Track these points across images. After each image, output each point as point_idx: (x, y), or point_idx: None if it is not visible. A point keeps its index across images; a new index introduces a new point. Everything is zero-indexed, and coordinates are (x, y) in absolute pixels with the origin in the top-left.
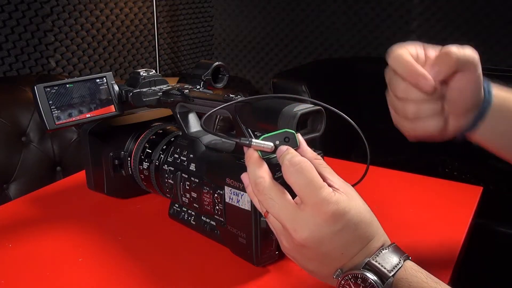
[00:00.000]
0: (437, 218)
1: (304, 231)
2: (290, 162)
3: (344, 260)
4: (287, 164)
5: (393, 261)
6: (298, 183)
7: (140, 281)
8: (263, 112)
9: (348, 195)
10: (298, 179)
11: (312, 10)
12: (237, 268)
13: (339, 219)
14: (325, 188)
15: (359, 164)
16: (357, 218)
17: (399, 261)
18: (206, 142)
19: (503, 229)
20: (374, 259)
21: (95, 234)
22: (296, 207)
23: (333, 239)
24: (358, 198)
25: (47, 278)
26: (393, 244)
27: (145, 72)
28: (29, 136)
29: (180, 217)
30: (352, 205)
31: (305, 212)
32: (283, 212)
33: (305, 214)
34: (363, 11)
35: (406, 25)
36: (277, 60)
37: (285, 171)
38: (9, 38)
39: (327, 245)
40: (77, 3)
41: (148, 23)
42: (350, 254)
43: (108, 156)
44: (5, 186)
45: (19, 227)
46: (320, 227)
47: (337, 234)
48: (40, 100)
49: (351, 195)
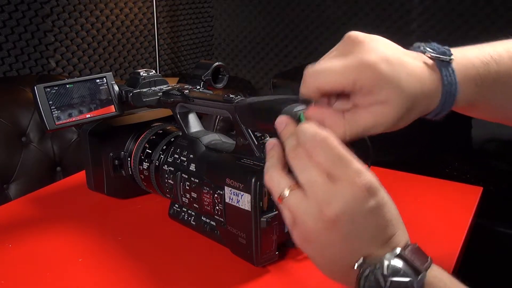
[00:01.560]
0: (437, 218)
1: (339, 203)
2: (314, 137)
3: (373, 246)
4: (311, 139)
5: (422, 258)
6: (327, 159)
7: (140, 281)
8: (263, 112)
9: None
10: (327, 155)
11: (312, 10)
12: (237, 268)
13: (375, 193)
14: (357, 160)
15: None
16: (388, 198)
17: (427, 259)
18: (206, 142)
19: (503, 229)
20: (404, 251)
21: (95, 234)
22: (329, 180)
23: (367, 217)
24: None
25: (47, 278)
26: (416, 244)
27: (145, 72)
28: (29, 136)
29: (180, 217)
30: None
31: (339, 184)
32: (320, 181)
33: (340, 186)
34: (363, 11)
35: (406, 25)
36: (277, 60)
37: (309, 147)
38: (9, 38)
39: (360, 223)
40: (77, 4)
41: (148, 23)
42: (379, 241)
43: (108, 156)
44: (5, 186)
45: (19, 227)
46: (357, 200)
47: (372, 211)
48: (40, 100)
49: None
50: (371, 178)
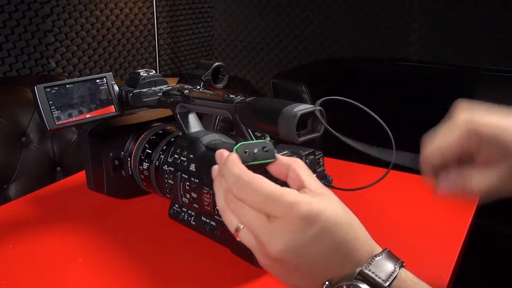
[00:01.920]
0: (437, 218)
1: (278, 243)
2: (238, 183)
3: (331, 270)
4: (236, 184)
5: (388, 269)
6: (257, 201)
7: (140, 281)
8: (263, 112)
9: (323, 196)
10: (255, 197)
11: (312, 10)
12: (237, 268)
13: (314, 220)
14: (288, 193)
15: (359, 164)
16: (334, 219)
17: (394, 268)
18: (206, 142)
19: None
20: (366, 268)
21: (95, 234)
22: (268, 219)
23: (312, 246)
24: (335, 199)
25: (47, 278)
26: (386, 250)
27: (145, 73)
28: (29, 137)
29: (180, 217)
30: (327, 203)
31: (275, 222)
32: (257, 223)
33: (276, 224)
34: (363, 11)
35: (406, 26)
36: (277, 60)
37: (237, 193)
38: (9, 39)
39: (307, 254)
40: (77, 4)
41: (148, 24)
42: (335, 263)
43: (108, 156)
44: (5, 186)
45: (19, 227)
46: (295, 234)
47: (316, 239)
48: (40, 100)
49: (326, 195)
50: (306, 206)
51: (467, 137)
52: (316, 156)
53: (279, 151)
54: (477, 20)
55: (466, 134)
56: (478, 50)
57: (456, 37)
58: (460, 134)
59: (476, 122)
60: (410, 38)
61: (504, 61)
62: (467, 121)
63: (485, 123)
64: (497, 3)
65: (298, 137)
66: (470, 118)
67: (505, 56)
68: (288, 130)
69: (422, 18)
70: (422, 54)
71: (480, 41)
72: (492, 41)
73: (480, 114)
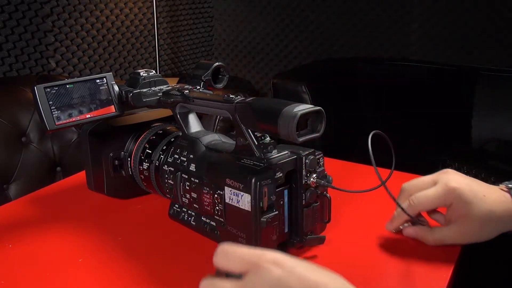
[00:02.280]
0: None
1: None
2: None
3: None
4: None
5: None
6: None
7: (140, 281)
8: (263, 112)
9: None
10: None
11: (312, 10)
12: None
13: (281, 261)
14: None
15: (359, 165)
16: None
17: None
18: (206, 142)
19: None
20: None
21: (95, 234)
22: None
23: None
24: None
25: (47, 278)
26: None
27: (145, 73)
28: (29, 137)
29: (180, 217)
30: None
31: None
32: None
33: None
34: (363, 11)
35: (406, 25)
36: (277, 60)
37: None
38: (9, 39)
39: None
40: (77, 4)
41: (148, 24)
42: None
43: (108, 156)
44: (5, 186)
45: (19, 227)
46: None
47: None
48: (40, 100)
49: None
50: (274, 253)
51: (448, 193)
52: (316, 156)
53: (279, 151)
54: (477, 20)
55: (447, 191)
56: (478, 50)
57: (456, 37)
58: (443, 190)
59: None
60: (410, 38)
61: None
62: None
63: (464, 186)
64: (497, 3)
65: (298, 137)
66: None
67: (505, 56)
68: (288, 130)
69: (422, 18)
70: (422, 54)
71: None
72: (492, 41)
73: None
